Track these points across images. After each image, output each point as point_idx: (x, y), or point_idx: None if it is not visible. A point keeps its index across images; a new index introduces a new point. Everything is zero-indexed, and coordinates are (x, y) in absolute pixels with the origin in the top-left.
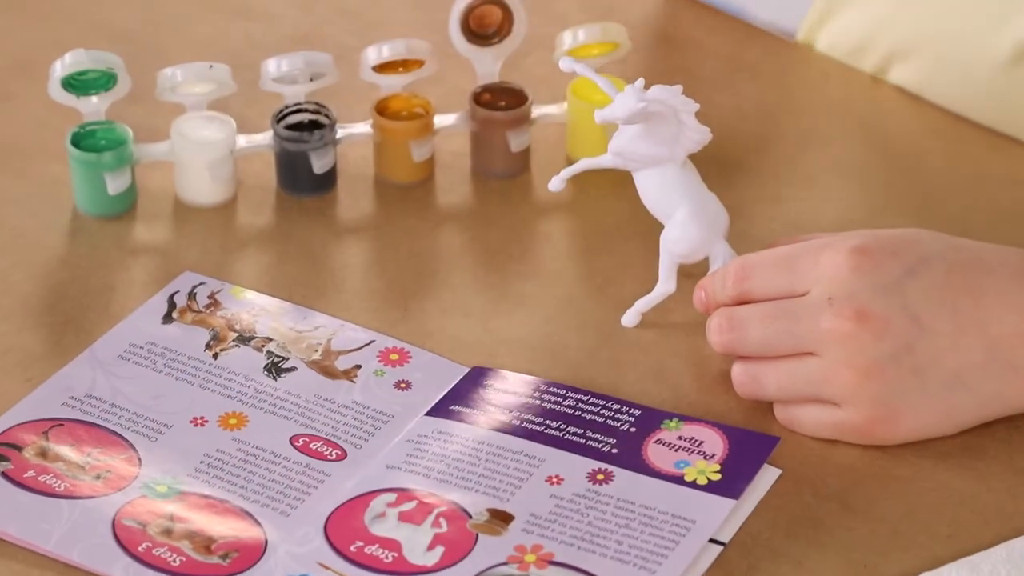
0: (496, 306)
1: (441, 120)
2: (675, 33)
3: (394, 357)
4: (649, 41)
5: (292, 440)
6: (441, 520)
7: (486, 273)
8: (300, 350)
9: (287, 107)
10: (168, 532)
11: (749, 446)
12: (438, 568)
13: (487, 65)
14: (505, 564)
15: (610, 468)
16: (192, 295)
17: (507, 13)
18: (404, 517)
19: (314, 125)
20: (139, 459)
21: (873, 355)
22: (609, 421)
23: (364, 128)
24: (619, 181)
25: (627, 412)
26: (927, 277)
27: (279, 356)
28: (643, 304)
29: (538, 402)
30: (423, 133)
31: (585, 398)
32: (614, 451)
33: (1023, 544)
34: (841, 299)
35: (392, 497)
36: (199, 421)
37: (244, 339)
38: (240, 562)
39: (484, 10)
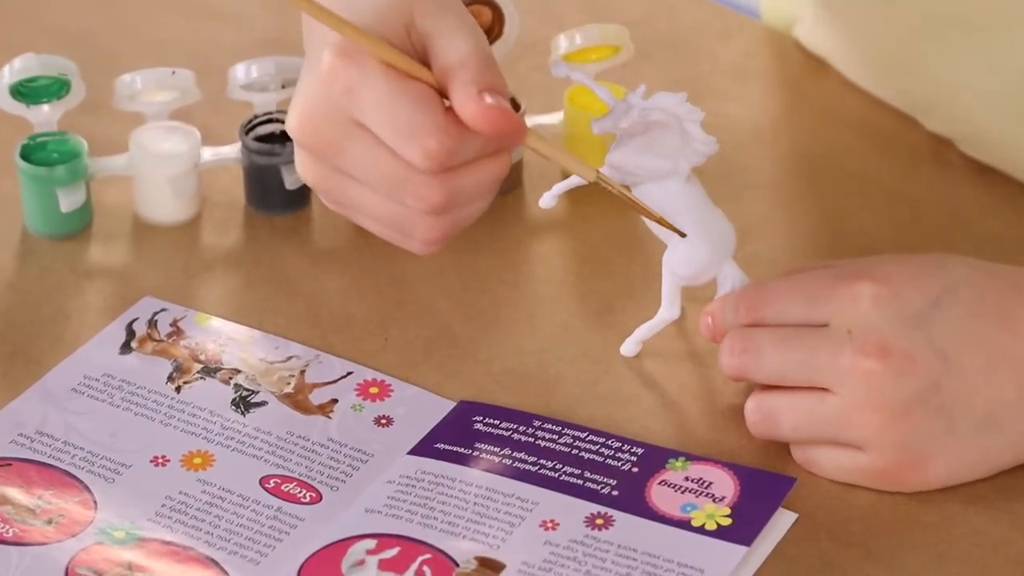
0: (485, 334)
1: None
2: (681, 36)
3: (374, 391)
4: (653, 45)
5: (262, 481)
6: (425, 568)
7: (474, 298)
8: (271, 383)
9: (257, 117)
10: None
11: (762, 488)
12: None
13: None
14: None
15: (610, 512)
16: (153, 323)
17: (497, 14)
18: (385, 565)
19: (286, 136)
20: (95, 502)
21: (897, 396)
22: (609, 460)
23: None
24: (618, 197)
25: (628, 451)
26: (954, 307)
27: (248, 389)
28: (644, 332)
29: (531, 440)
30: None
31: (583, 435)
32: (614, 493)
33: None
34: (861, 333)
35: (372, 543)
36: (160, 460)
37: (209, 371)
38: None
39: (472, 10)
